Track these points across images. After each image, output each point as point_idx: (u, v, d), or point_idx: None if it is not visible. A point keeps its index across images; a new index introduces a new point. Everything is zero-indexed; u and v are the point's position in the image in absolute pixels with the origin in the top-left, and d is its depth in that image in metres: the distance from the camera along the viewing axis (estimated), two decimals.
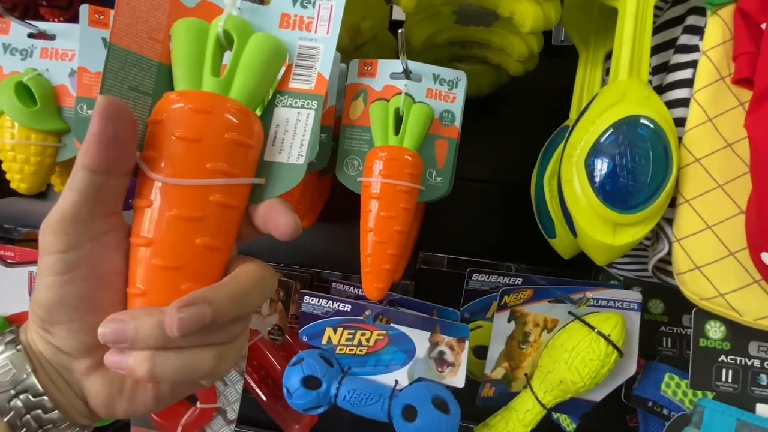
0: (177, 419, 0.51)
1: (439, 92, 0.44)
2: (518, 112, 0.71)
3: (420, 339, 0.43)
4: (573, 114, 0.49)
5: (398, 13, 0.53)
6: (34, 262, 0.50)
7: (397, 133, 0.40)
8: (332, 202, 0.60)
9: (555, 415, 0.62)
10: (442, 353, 0.43)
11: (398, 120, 0.41)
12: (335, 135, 0.45)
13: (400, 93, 0.41)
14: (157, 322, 0.21)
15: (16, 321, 0.52)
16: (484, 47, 0.55)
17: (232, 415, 0.49)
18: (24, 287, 0.50)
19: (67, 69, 0.48)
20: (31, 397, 0.22)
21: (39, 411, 0.22)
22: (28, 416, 0.22)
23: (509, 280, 0.48)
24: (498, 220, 0.71)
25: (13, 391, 0.22)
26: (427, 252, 0.71)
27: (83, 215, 0.22)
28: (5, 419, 0.22)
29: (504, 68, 0.57)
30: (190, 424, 0.51)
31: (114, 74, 0.25)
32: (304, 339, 0.47)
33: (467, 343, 0.42)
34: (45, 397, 0.22)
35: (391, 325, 0.44)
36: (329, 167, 0.46)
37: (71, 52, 0.48)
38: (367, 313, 0.43)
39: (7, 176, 0.48)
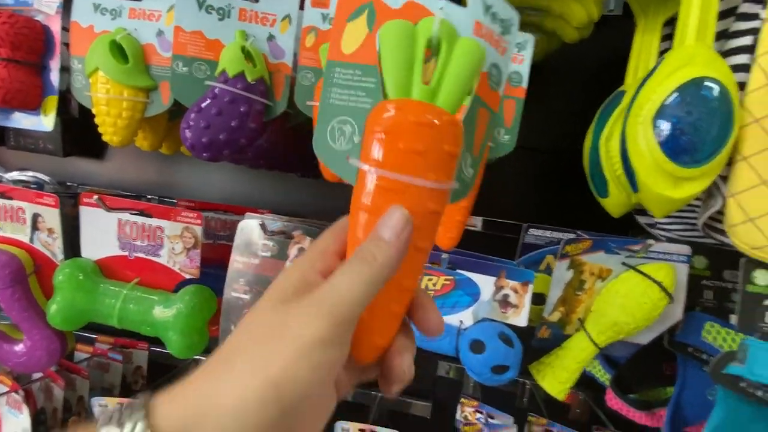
0: None
1: None
2: (563, 81, 0.73)
3: (485, 283, 0.48)
4: (629, 79, 0.52)
5: None
6: (122, 209, 0.54)
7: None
8: None
9: (587, 369, 0.67)
10: (506, 296, 0.47)
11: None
12: None
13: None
14: None
15: (104, 265, 0.56)
16: (542, 13, 0.57)
17: None
18: (113, 233, 0.55)
19: (155, 29, 0.51)
20: None
21: None
22: None
23: (564, 236, 0.52)
24: (540, 185, 0.74)
25: None
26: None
27: None
28: None
29: (556, 36, 0.59)
30: None
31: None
32: None
33: (531, 286, 0.47)
34: None
35: (458, 270, 0.48)
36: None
37: (158, 12, 0.51)
38: (444, 256, 0.48)
39: (100, 129, 0.52)
